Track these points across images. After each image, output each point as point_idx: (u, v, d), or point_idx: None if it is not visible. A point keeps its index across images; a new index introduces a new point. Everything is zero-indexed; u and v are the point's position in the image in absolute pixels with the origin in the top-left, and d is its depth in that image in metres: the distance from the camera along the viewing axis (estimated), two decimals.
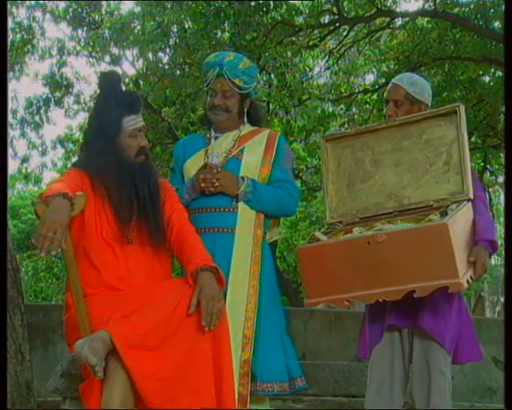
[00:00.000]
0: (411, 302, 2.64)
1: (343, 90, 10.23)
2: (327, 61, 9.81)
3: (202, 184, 2.89)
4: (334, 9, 8.41)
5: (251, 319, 2.82)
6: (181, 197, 2.84)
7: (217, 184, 2.88)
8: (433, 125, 2.81)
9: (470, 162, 2.79)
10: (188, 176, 3.02)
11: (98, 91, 2.77)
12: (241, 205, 2.92)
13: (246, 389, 2.74)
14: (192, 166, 3.01)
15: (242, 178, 2.92)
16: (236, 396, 2.64)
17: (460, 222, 2.58)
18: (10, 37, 9.44)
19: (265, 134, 3.06)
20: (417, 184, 2.81)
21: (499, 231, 14.81)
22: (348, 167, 2.93)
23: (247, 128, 3.06)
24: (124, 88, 2.72)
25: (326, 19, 8.73)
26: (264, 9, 8.05)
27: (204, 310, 2.32)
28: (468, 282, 2.56)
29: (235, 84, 2.97)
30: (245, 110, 3.05)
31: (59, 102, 10.94)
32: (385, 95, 3.03)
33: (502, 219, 12.31)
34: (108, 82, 2.67)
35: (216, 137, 3.05)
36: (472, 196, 2.71)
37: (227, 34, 8.43)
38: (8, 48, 8.61)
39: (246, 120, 3.06)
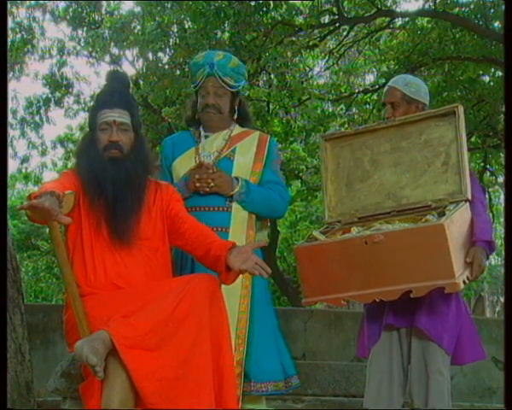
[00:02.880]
0: (409, 302, 2.65)
1: (343, 90, 10.22)
2: (327, 61, 9.81)
3: (197, 184, 2.89)
4: (334, 9, 8.40)
5: (244, 320, 2.84)
6: None
7: (212, 184, 2.89)
8: (431, 126, 2.82)
9: (469, 163, 2.80)
10: (177, 175, 3.01)
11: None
12: (234, 205, 2.94)
13: (238, 390, 2.73)
14: (182, 166, 3.01)
15: (236, 179, 2.94)
16: None
17: (457, 222, 2.58)
18: (10, 37, 9.43)
19: (256, 136, 3.08)
20: (416, 184, 2.82)
21: (499, 231, 14.81)
22: (347, 167, 2.95)
23: (237, 129, 3.08)
24: (120, 87, 2.70)
25: (326, 19, 8.72)
26: (264, 9, 8.04)
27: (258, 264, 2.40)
28: (464, 282, 2.56)
29: (226, 82, 2.99)
30: (235, 108, 3.07)
31: (59, 102, 10.93)
32: (382, 98, 3.06)
33: (502, 219, 12.30)
34: (107, 80, 2.73)
35: (206, 136, 3.05)
36: (470, 197, 2.72)
37: (227, 34, 8.42)
38: (8, 48, 8.61)
39: (235, 117, 3.08)
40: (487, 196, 10.80)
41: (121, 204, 2.54)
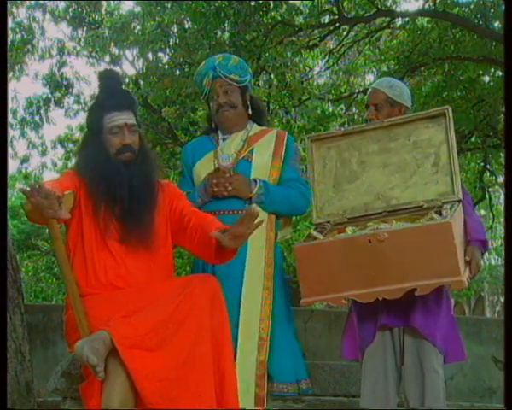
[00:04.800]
0: (402, 302, 2.65)
1: (343, 90, 10.23)
2: (327, 61, 9.81)
3: (215, 189, 2.90)
4: (334, 9, 8.41)
5: (266, 320, 2.83)
6: (192, 201, 2.83)
7: (230, 188, 2.89)
8: (420, 128, 2.83)
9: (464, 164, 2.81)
10: (198, 179, 3.01)
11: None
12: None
13: (263, 391, 2.75)
14: (202, 169, 3.01)
15: (254, 181, 2.93)
16: (253, 398, 2.70)
17: (457, 222, 2.60)
18: (10, 37, 9.43)
19: (273, 134, 3.08)
20: (405, 184, 2.83)
21: (499, 231, 14.80)
22: (334, 168, 2.94)
23: (254, 128, 3.08)
24: (119, 86, 2.70)
25: (326, 19, 8.73)
26: (264, 9, 8.05)
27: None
28: (467, 280, 2.57)
29: (233, 79, 3.02)
30: (248, 104, 3.08)
31: (59, 102, 10.93)
32: (365, 100, 3.07)
33: (502, 219, 12.30)
34: (102, 80, 2.70)
35: (224, 139, 3.06)
36: (461, 197, 2.73)
37: (227, 34, 8.42)
38: (8, 48, 8.61)
39: (250, 112, 3.08)
40: (487, 195, 10.81)
41: (138, 207, 2.55)
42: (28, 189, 2.20)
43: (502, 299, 18.36)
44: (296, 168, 3.06)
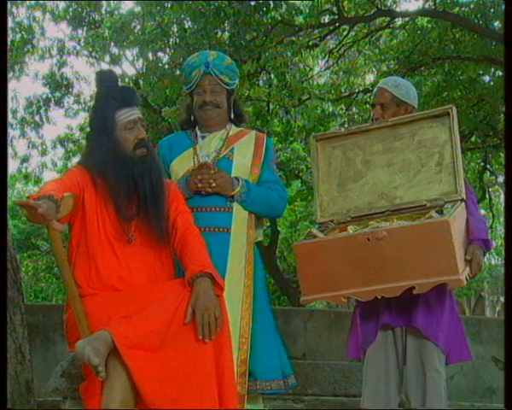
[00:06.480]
0: (404, 301, 2.66)
1: (343, 90, 10.23)
2: (327, 61, 9.82)
3: (199, 185, 2.90)
4: (334, 9, 8.41)
5: (246, 319, 2.84)
6: None
7: (214, 184, 2.89)
8: (424, 127, 2.83)
9: (465, 163, 2.82)
10: (175, 176, 3.00)
11: (95, 90, 2.80)
12: (235, 205, 2.94)
13: (243, 389, 2.74)
14: (180, 166, 3.01)
15: (237, 179, 2.94)
16: None
17: (457, 220, 2.60)
18: (10, 37, 9.44)
19: (253, 136, 3.10)
20: (409, 184, 2.83)
21: (499, 231, 14.80)
22: (339, 167, 2.95)
23: (233, 129, 3.09)
24: (119, 84, 2.70)
25: (326, 19, 8.73)
26: (264, 9, 8.04)
27: (199, 323, 2.31)
28: (466, 279, 2.57)
29: (222, 80, 3.02)
30: (232, 107, 3.09)
31: (59, 102, 10.94)
32: (371, 99, 3.06)
33: (502, 219, 12.30)
34: (102, 80, 2.69)
35: (203, 137, 3.06)
36: (465, 197, 2.73)
37: (227, 34, 8.42)
38: (8, 48, 8.61)
39: (232, 116, 3.09)
40: (487, 195, 10.82)
41: (156, 204, 2.56)
42: (26, 204, 2.18)
43: (502, 299, 18.37)
44: (274, 170, 3.11)
